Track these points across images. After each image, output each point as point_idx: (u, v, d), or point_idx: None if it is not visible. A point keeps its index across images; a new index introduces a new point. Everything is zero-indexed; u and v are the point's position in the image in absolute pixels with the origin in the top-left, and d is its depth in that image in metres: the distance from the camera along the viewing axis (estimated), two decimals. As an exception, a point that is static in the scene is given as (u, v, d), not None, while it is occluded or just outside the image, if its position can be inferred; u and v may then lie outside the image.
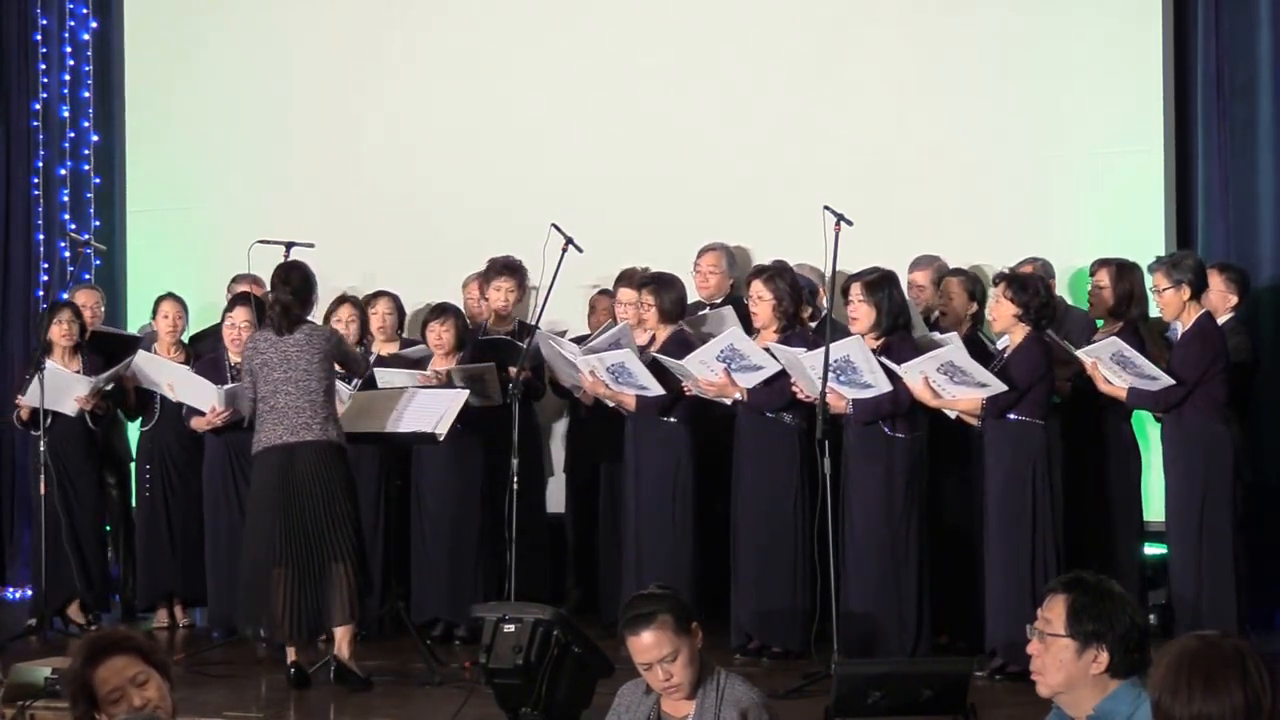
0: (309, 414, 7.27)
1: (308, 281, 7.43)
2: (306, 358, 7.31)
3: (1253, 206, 8.49)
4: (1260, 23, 8.46)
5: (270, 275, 7.66)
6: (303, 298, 7.40)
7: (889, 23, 9.02)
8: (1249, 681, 2.96)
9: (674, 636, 4.46)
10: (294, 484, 7.24)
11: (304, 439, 7.25)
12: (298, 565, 7.21)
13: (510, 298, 8.58)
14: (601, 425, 8.36)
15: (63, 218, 10.60)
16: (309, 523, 7.23)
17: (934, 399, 7.22)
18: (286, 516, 7.23)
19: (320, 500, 7.24)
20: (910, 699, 5.70)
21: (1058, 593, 3.55)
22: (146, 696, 3.60)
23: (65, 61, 10.69)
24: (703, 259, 8.60)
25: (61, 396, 8.59)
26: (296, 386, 7.28)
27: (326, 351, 7.38)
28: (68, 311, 8.80)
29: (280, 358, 7.32)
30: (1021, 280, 7.19)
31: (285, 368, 7.30)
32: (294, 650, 7.30)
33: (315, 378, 7.31)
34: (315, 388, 7.31)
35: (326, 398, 7.37)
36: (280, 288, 7.41)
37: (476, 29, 9.74)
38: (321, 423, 7.29)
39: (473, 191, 9.54)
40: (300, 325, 7.38)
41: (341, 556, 7.24)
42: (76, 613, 8.89)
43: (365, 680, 7.26)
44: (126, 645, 3.67)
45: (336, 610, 7.21)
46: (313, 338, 7.37)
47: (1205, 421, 7.12)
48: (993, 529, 7.21)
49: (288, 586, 7.20)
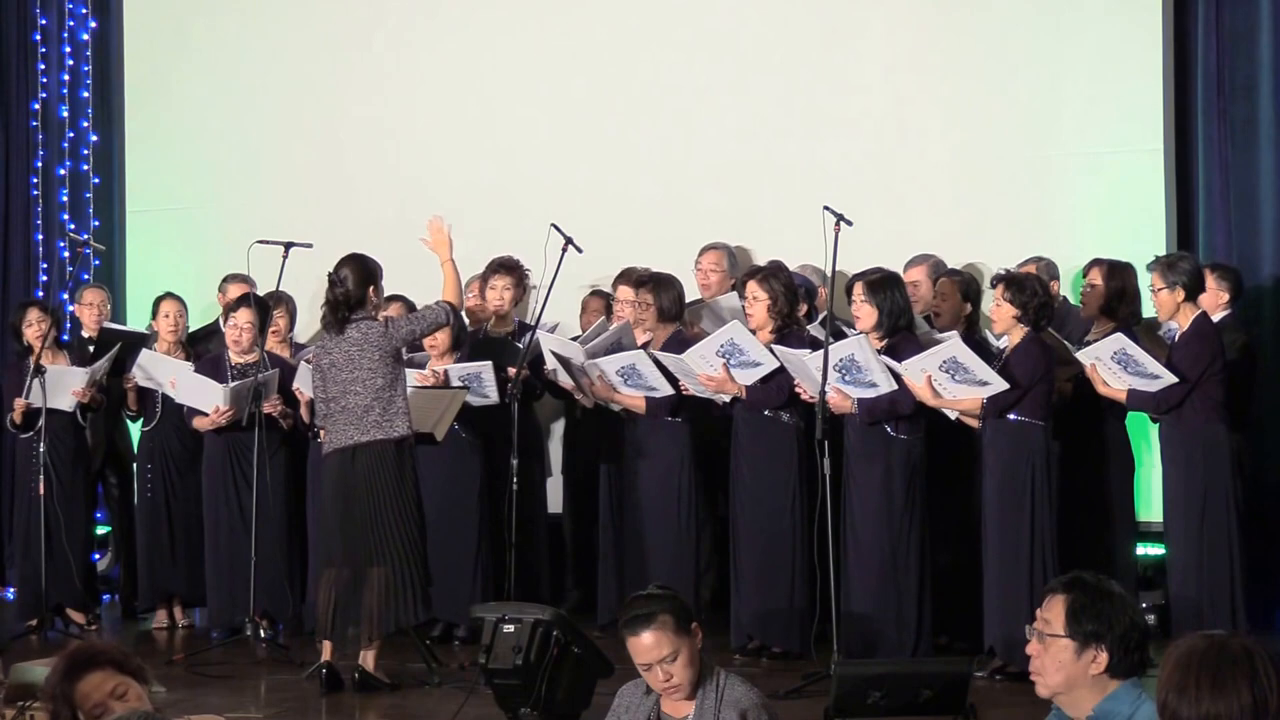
0: (378, 413, 7.12)
1: (357, 275, 7.17)
2: (364, 355, 7.12)
3: (1253, 206, 8.49)
4: (1261, 22, 8.46)
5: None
6: (347, 295, 7.15)
7: (889, 22, 9.02)
8: (1257, 681, 2.94)
9: (674, 637, 4.46)
10: (353, 485, 7.16)
11: (368, 439, 7.12)
12: (351, 566, 7.16)
13: (507, 296, 8.55)
14: (600, 425, 8.36)
15: (62, 218, 10.60)
16: (359, 525, 7.14)
17: (934, 399, 7.22)
18: (346, 518, 7.18)
19: (370, 502, 7.12)
20: (910, 699, 5.69)
21: (1057, 593, 3.54)
22: (129, 708, 3.65)
23: (65, 61, 10.70)
24: (704, 258, 8.61)
25: (58, 392, 8.59)
26: (362, 385, 7.12)
27: (383, 349, 7.13)
28: (35, 311, 8.81)
29: (343, 357, 7.18)
30: (1019, 281, 7.19)
31: (350, 367, 7.15)
32: (329, 650, 7.21)
33: (379, 374, 7.11)
34: (380, 384, 7.11)
35: (392, 393, 7.14)
36: (328, 289, 7.26)
37: (476, 29, 9.74)
38: (392, 418, 7.12)
39: (473, 191, 9.53)
40: (353, 323, 7.18)
41: (382, 560, 7.12)
42: (77, 614, 8.88)
43: (392, 686, 7.19)
44: (102, 660, 3.74)
45: (377, 617, 7.09)
46: (367, 336, 7.15)
47: (1204, 421, 7.13)
48: (991, 529, 7.21)
49: (333, 587, 7.15)
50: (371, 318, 7.23)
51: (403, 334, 7.25)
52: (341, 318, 7.18)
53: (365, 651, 7.17)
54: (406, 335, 7.28)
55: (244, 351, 8.51)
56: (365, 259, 7.29)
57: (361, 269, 7.23)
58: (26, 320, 8.80)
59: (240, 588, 8.29)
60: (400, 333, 7.24)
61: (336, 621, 7.15)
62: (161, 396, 8.75)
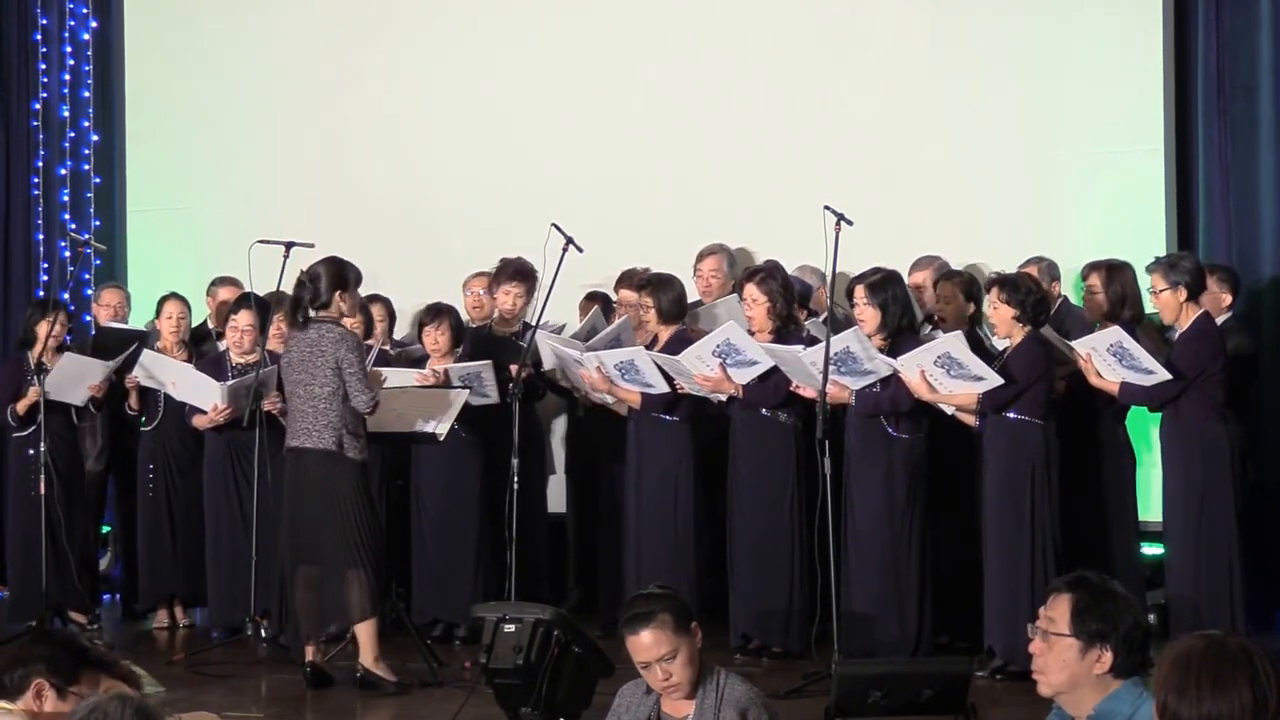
0: (310, 419, 7.14)
1: (329, 278, 7.15)
2: (313, 360, 7.14)
3: (1254, 205, 8.49)
4: (1261, 22, 8.46)
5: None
6: (315, 291, 7.13)
7: (889, 23, 9.02)
8: (1257, 679, 2.94)
9: (673, 636, 4.47)
10: (296, 487, 7.22)
11: (305, 445, 7.16)
12: (292, 567, 7.27)
13: (519, 303, 8.54)
14: (601, 425, 8.36)
15: (63, 217, 10.60)
16: (317, 528, 7.20)
17: (930, 393, 7.22)
18: (292, 517, 7.26)
19: (324, 507, 7.17)
20: (910, 699, 5.69)
21: (1062, 592, 3.54)
22: None
23: (65, 61, 10.70)
24: (704, 263, 8.60)
25: (74, 385, 8.59)
26: (304, 389, 7.15)
27: (331, 357, 7.10)
28: (62, 314, 8.81)
29: (298, 356, 7.18)
30: (1012, 282, 7.21)
31: (301, 368, 7.16)
32: (310, 650, 7.25)
33: (319, 382, 7.12)
34: (318, 393, 7.12)
35: (327, 404, 7.12)
36: (296, 285, 7.26)
37: (476, 29, 9.74)
38: (321, 430, 7.11)
39: (473, 192, 9.54)
40: (314, 323, 7.17)
41: (317, 560, 7.19)
42: (77, 614, 8.88)
43: (399, 685, 7.18)
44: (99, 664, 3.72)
45: (354, 609, 7.14)
46: (321, 340, 7.14)
47: (1204, 420, 7.13)
48: (992, 528, 7.21)
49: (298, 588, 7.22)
50: (334, 321, 7.19)
51: (345, 357, 7.09)
52: (302, 317, 7.17)
53: (364, 651, 7.18)
54: (345, 361, 7.09)
55: (245, 352, 8.52)
56: (342, 263, 7.27)
57: (335, 272, 7.20)
58: (50, 318, 8.77)
59: (240, 588, 8.27)
60: (346, 354, 7.10)
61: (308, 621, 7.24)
62: (163, 396, 8.75)
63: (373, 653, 7.18)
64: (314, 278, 7.19)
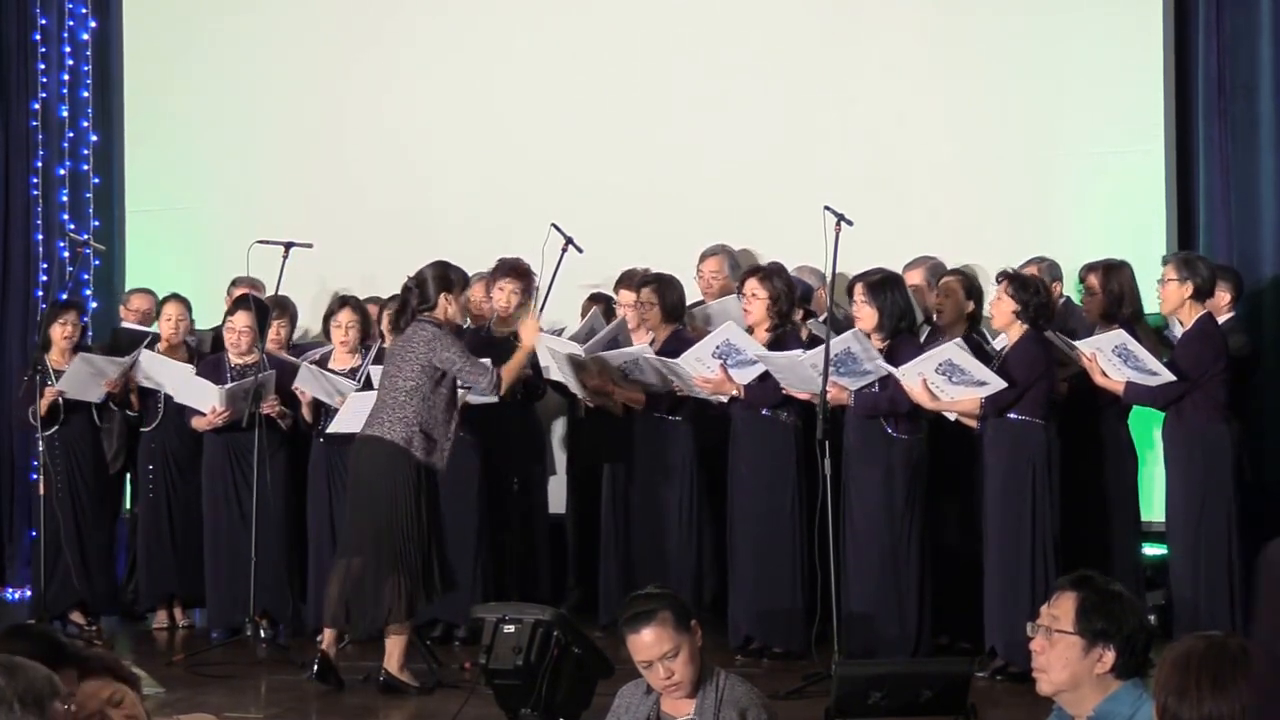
0: (388, 410, 7.13)
1: (434, 281, 7.21)
2: (402, 354, 7.17)
3: (1254, 206, 8.48)
4: (1261, 22, 8.46)
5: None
6: (422, 295, 7.19)
7: (889, 23, 9.02)
8: (1257, 680, 2.95)
9: (674, 633, 4.46)
10: (356, 475, 7.25)
11: (374, 434, 7.15)
12: (345, 556, 7.27)
13: (513, 300, 8.53)
14: (602, 425, 8.36)
15: (62, 218, 10.58)
16: (353, 514, 7.25)
17: (932, 402, 7.21)
18: (350, 506, 7.34)
19: (366, 494, 7.16)
20: (911, 699, 5.69)
21: (1066, 590, 3.54)
22: (126, 715, 3.66)
23: (65, 61, 10.68)
24: (705, 264, 8.60)
25: (90, 383, 8.60)
26: (389, 380, 7.18)
27: (420, 353, 7.13)
28: (73, 314, 8.81)
29: (392, 351, 7.29)
30: (1023, 279, 7.22)
31: (391, 361, 7.23)
32: (328, 639, 7.24)
33: (403, 375, 7.13)
34: (401, 385, 7.12)
35: (407, 398, 7.12)
36: (402, 290, 7.33)
37: (476, 29, 9.74)
38: (393, 422, 7.11)
39: (473, 192, 9.54)
40: (414, 323, 7.22)
41: (362, 552, 7.16)
42: (79, 616, 8.87)
43: (421, 689, 7.16)
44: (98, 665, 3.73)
45: (387, 612, 7.10)
46: (414, 336, 7.18)
47: (1206, 421, 7.13)
48: (992, 528, 7.21)
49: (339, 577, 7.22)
50: (433, 321, 7.21)
51: (442, 356, 7.13)
52: (405, 322, 7.24)
53: (391, 654, 7.16)
54: (445, 361, 7.14)
55: (243, 353, 8.51)
56: (447, 266, 7.31)
57: (440, 275, 7.25)
58: (62, 319, 8.75)
59: (240, 588, 8.28)
60: (442, 353, 7.14)
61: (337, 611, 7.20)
62: (163, 397, 8.75)
63: (399, 659, 7.16)
64: (420, 281, 7.23)
